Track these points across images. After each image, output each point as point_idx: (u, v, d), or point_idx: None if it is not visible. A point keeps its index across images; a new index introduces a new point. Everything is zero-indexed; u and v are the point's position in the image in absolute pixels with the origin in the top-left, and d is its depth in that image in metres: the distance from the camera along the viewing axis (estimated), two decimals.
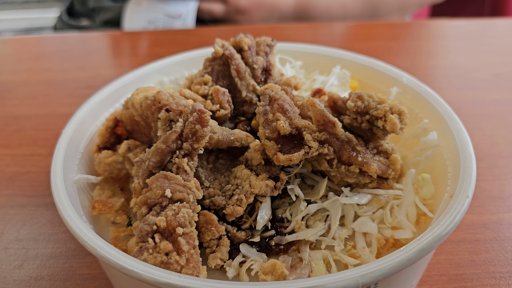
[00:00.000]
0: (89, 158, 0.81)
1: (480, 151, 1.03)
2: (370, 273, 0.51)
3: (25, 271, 0.79)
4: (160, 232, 0.59)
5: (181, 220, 0.59)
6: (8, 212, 0.92)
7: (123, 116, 0.77)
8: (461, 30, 1.68)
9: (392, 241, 0.67)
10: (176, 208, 0.60)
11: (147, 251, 0.57)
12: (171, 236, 0.58)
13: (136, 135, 0.78)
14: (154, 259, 0.56)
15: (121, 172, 0.77)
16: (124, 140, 0.77)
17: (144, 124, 0.75)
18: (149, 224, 0.59)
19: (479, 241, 0.82)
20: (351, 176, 0.69)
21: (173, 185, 0.62)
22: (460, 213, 0.58)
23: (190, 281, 0.51)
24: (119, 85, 0.90)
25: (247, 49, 0.84)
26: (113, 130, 0.79)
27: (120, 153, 0.75)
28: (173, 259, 0.56)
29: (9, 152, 1.10)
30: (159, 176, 0.63)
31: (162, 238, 0.58)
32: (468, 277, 0.76)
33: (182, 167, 0.65)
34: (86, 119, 0.82)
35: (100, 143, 0.78)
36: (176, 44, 1.58)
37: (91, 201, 0.73)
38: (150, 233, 0.58)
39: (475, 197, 0.91)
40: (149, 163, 0.66)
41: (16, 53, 1.64)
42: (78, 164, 0.77)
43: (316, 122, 0.68)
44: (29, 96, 1.34)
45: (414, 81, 0.87)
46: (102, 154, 0.76)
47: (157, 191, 0.61)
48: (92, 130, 0.83)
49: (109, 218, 0.74)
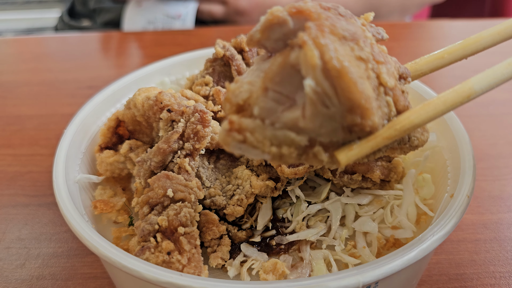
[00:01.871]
0: (91, 158, 0.82)
1: (480, 151, 1.04)
2: (370, 273, 0.51)
3: (27, 270, 0.79)
4: (161, 231, 0.59)
5: (182, 219, 0.59)
6: (10, 211, 0.93)
7: (125, 116, 0.77)
8: (461, 30, 1.68)
9: (393, 241, 0.68)
10: (177, 208, 0.60)
11: (149, 250, 0.57)
12: (173, 235, 0.58)
13: (138, 135, 0.78)
14: (156, 258, 0.56)
15: (122, 172, 0.78)
16: (126, 140, 0.77)
17: (146, 124, 0.75)
18: (151, 223, 0.59)
19: (479, 241, 0.82)
20: (354, 184, 0.69)
21: (174, 185, 0.62)
22: (460, 213, 0.59)
23: (192, 280, 0.51)
24: (120, 86, 0.91)
25: (248, 50, 0.84)
26: (115, 130, 0.79)
27: (121, 153, 0.75)
28: (175, 258, 0.56)
29: (10, 152, 1.10)
30: (161, 176, 0.63)
31: (164, 238, 0.58)
32: (468, 277, 0.76)
33: (183, 167, 0.65)
34: (88, 119, 0.83)
35: (102, 143, 0.79)
36: (176, 44, 1.58)
37: (92, 201, 0.74)
38: (152, 233, 0.59)
39: (475, 197, 0.91)
40: (151, 163, 0.66)
41: (17, 54, 1.65)
42: (80, 164, 0.77)
43: None
44: (30, 96, 1.35)
45: (414, 81, 0.87)
46: (104, 154, 0.77)
47: (159, 190, 0.62)
48: (94, 130, 0.83)
49: (110, 218, 0.74)
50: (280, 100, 0.44)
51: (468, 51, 0.55)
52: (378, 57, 0.45)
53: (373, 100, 0.43)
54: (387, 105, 0.45)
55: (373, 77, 0.44)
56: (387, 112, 0.46)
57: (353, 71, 0.41)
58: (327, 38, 0.41)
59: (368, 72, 0.43)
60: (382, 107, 0.45)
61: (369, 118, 0.42)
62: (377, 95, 0.44)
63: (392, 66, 0.48)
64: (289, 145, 0.43)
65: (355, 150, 0.45)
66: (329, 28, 0.41)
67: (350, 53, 0.42)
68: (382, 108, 0.45)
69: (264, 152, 0.43)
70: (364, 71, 0.43)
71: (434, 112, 0.47)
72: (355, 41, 0.43)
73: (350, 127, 0.43)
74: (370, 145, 0.45)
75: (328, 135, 0.44)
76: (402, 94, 0.48)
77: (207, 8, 1.74)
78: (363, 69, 0.43)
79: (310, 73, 0.40)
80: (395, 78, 0.47)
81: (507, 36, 0.54)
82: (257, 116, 0.43)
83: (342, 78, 0.40)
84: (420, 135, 0.52)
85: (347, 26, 0.43)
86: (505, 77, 0.47)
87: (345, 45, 0.42)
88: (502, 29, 0.54)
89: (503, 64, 0.47)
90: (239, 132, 0.43)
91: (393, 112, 0.46)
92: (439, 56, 0.56)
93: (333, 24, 0.42)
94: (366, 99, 0.41)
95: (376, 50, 0.46)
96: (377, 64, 0.45)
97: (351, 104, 0.41)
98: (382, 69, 0.45)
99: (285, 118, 0.43)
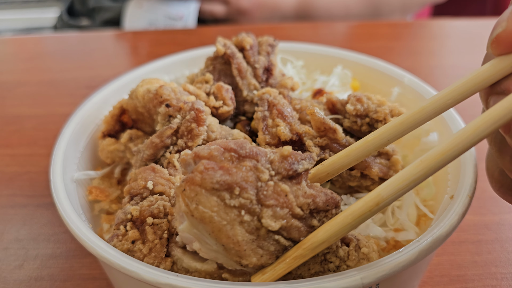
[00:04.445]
0: (89, 157, 0.81)
1: (482, 152, 1.03)
2: (371, 274, 0.51)
3: (25, 271, 0.79)
4: (133, 221, 0.60)
5: (154, 211, 0.60)
6: (8, 212, 0.92)
7: (128, 105, 0.78)
8: (463, 30, 1.68)
9: (393, 243, 0.67)
10: (153, 200, 0.61)
11: (117, 238, 0.58)
12: (142, 225, 0.59)
13: (141, 124, 0.79)
14: (122, 246, 0.57)
15: (122, 161, 0.79)
16: (128, 129, 0.78)
17: (147, 115, 0.76)
18: (125, 212, 0.61)
19: (480, 242, 0.82)
20: (353, 180, 0.69)
21: (157, 177, 0.64)
22: (461, 214, 0.58)
23: (189, 281, 0.51)
24: (119, 84, 0.90)
25: (249, 48, 0.84)
26: (118, 118, 0.80)
27: (122, 142, 0.76)
28: (137, 247, 0.57)
29: (9, 152, 1.10)
30: (147, 168, 0.65)
31: (133, 227, 0.59)
32: (470, 278, 0.75)
33: (172, 162, 0.65)
34: (86, 118, 0.82)
35: (105, 130, 0.80)
36: (176, 43, 1.58)
37: (88, 186, 0.74)
38: (124, 221, 0.60)
39: (476, 197, 0.91)
40: (143, 155, 0.67)
41: (16, 53, 1.64)
42: (77, 163, 0.77)
43: (317, 129, 0.68)
44: (29, 96, 1.34)
45: (415, 81, 0.87)
46: (105, 142, 0.78)
47: (140, 182, 0.63)
48: (92, 129, 0.83)
49: (103, 207, 0.75)
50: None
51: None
52: (267, 199, 0.48)
53: (246, 243, 0.48)
54: (276, 242, 0.49)
55: (249, 221, 0.48)
56: (277, 248, 0.49)
57: (217, 220, 0.46)
58: (193, 191, 0.47)
59: (241, 217, 0.47)
60: (264, 246, 0.49)
61: (243, 258, 0.48)
62: (257, 236, 0.48)
63: (291, 204, 0.50)
64: (199, 272, 0.54)
65: (268, 273, 0.50)
66: (199, 182, 0.47)
67: (217, 203, 0.47)
68: (264, 247, 0.49)
69: None
70: (235, 217, 0.47)
71: (340, 227, 0.48)
72: (228, 190, 0.48)
73: (239, 263, 0.49)
74: (282, 266, 0.49)
75: (229, 266, 0.52)
76: (309, 230, 0.50)
77: (208, 8, 1.74)
78: (233, 216, 0.47)
79: (184, 217, 0.49)
80: (291, 216, 0.49)
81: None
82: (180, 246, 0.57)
83: (206, 224, 0.47)
84: (355, 263, 0.54)
85: (221, 178, 0.48)
86: (413, 179, 0.46)
87: (213, 196, 0.47)
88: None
89: (410, 167, 0.47)
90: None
91: (290, 246, 0.50)
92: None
93: (204, 179, 0.47)
94: (234, 242, 0.47)
95: (268, 192, 0.49)
96: (262, 206, 0.48)
97: (223, 246, 0.48)
98: (266, 213, 0.48)
99: (194, 246, 0.53)
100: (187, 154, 0.50)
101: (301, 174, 0.51)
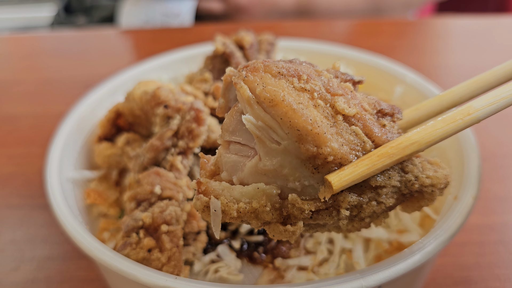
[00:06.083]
0: (86, 157, 0.80)
1: (486, 151, 1.02)
2: (373, 276, 0.50)
3: (22, 273, 0.78)
4: (145, 228, 0.59)
5: (167, 217, 0.59)
6: (4, 213, 0.91)
7: (125, 108, 0.77)
8: (466, 28, 1.66)
9: (396, 245, 0.66)
10: (163, 205, 0.60)
11: (130, 246, 0.57)
12: (156, 233, 0.58)
13: (137, 127, 0.78)
14: (136, 254, 0.56)
15: (119, 165, 0.78)
16: (124, 132, 0.77)
17: (144, 117, 0.74)
18: (135, 219, 0.59)
19: (484, 243, 0.81)
20: None
21: (163, 182, 0.62)
22: (464, 215, 0.57)
23: (187, 283, 0.50)
24: (116, 83, 0.89)
25: (249, 47, 0.83)
26: (114, 122, 0.79)
27: (119, 146, 0.75)
28: (155, 255, 0.56)
29: (5, 152, 1.08)
30: (151, 173, 0.63)
31: (147, 234, 0.58)
32: (473, 279, 0.74)
33: (175, 165, 0.64)
34: (83, 117, 0.81)
35: (101, 134, 0.78)
36: (174, 41, 1.56)
37: (86, 189, 0.73)
38: (135, 228, 0.59)
39: (480, 198, 0.89)
40: (144, 159, 0.65)
41: (13, 52, 1.63)
42: (74, 163, 0.76)
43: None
44: (26, 95, 1.33)
45: (418, 80, 0.86)
46: (101, 146, 0.76)
47: (147, 187, 0.62)
48: (88, 128, 0.82)
49: (102, 210, 0.74)
50: (241, 152, 0.45)
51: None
52: (335, 90, 0.46)
53: (325, 126, 0.42)
54: (354, 134, 0.44)
55: (323, 105, 0.44)
56: (356, 141, 0.44)
57: (290, 99, 0.41)
58: (257, 76, 0.43)
59: (315, 101, 0.44)
60: (343, 134, 0.43)
61: (323, 144, 0.41)
62: (334, 122, 0.44)
63: (360, 100, 0.47)
64: (259, 198, 0.43)
65: (349, 169, 0.43)
66: (262, 68, 0.44)
67: (287, 86, 0.43)
68: (344, 135, 0.43)
69: (231, 217, 0.43)
70: (308, 99, 0.43)
71: (432, 129, 0.46)
72: (296, 76, 0.45)
73: (311, 161, 0.42)
74: (365, 163, 0.43)
75: (296, 178, 0.43)
76: (382, 128, 0.46)
77: (206, 5, 1.73)
78: (306, 98, 0.43)
79: (248, 109, 0.43)
80: (362, 109, 0.46)
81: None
82: (224, 179, 0.45)
83: (278, 106, 0.41)
84: (433, 173, 0.47)
85: (285, 65, 0.45)
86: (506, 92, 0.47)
87: (281, 80, 0.44)
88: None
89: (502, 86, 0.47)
90: (205, 194, 0.44)
91: (368, 143, 0.44)
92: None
93: (267, 65, 0.44)
94: (312, 124, 0.41)
95: (333, 85, 0.46)
96: (332, 95, 0.45)
97: (297, 132, 0.41)
98: (338, 99, 0.45)
99: (247, 168, 0.44)
100: (232, 70, 0.47)
101: (356, 84, 0.49)
